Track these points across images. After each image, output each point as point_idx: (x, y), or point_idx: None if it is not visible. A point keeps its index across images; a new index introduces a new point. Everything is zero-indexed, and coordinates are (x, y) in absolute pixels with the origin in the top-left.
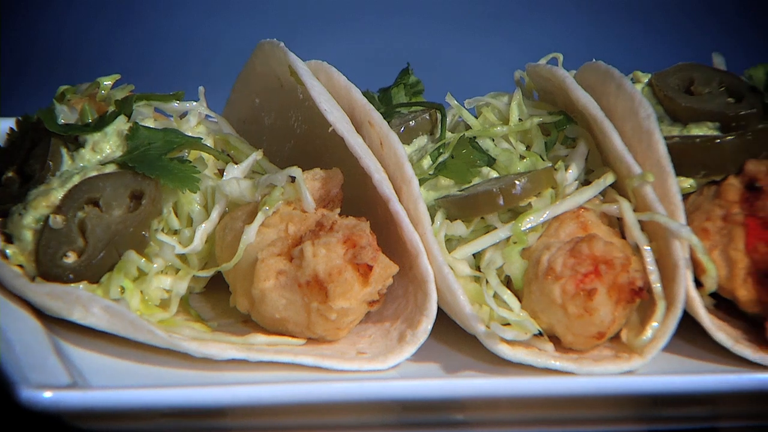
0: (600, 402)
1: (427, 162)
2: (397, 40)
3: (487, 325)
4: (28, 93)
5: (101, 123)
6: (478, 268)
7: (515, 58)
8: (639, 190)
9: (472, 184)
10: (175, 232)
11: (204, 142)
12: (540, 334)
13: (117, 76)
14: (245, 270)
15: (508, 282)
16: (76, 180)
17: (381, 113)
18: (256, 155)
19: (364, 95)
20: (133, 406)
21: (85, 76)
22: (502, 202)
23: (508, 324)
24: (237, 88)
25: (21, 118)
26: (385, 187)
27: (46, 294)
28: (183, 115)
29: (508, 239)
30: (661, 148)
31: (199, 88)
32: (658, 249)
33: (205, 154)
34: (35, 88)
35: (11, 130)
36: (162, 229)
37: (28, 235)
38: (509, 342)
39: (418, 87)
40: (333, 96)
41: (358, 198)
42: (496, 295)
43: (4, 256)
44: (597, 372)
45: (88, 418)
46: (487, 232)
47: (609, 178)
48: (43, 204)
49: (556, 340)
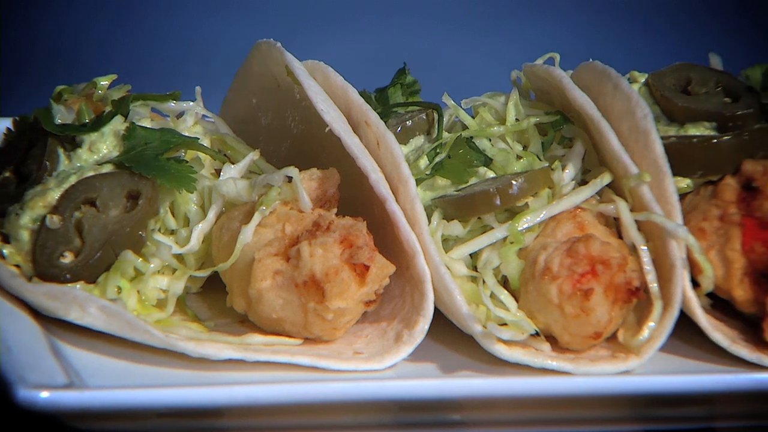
0: (597, 402)
1: (424, 162)
2: (393, 40)
3: (484, 325)
4: (28, 93)
5: (98, 123)
6: (475, 268)
7: (512, 57)
8: (636, 190)
9: (469, 184)
10: (172, 232)
11: (201, 142)
12: (537, 334)
13: (114, 76)
14: (242, 270)
15: (504, 282)
16: (73, 180)
17: (378, 113)
18: (253, 155)
19: (360, 95)
20: (130, 406)
21: (85, 76)
22: (499, 202)
23: (505, 324)
24: (234, 88)
25: (18, 118)
26: (382, 187)
27: (43, 294)
28: (180, 115)
29: (505, 239)
30: (658, 148)
31: (196, 88)
32: (655, 249)
33: (201, 154)
34: (35, 88)
35: (8, 130)
36: (159, 229)
37: (25, 235)
38: (506, 342)
39: (414, 87)
40: (330, 96)
41: (354, 198)
42: (492, 295)
43: (1, 256)
44: (594, 372)
45: (85, 418)
46: (484, 232)
47: (606, 178)
48: (40, 204)
49: (553, 340)
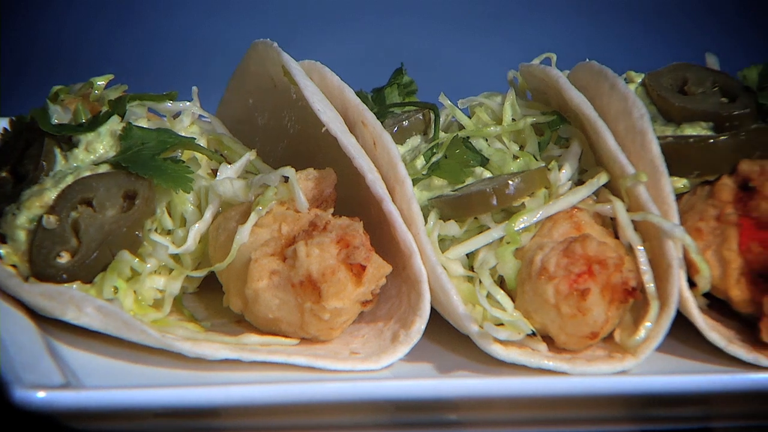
0: (593, 402)
1: (420, 162)
2: (390, 41)
3: (481, 325)
4: (28, 93)
5: (94, 123)
6: (472, 268)
7: (509, 57)
8: (632, 190)
9: (465, 184)
10: (169, 232)
11: (197, 142)
12: (533, 334)
13: (110, 76)
14: (238, 270)
15: (501, 282)
16: (70, 180)
17: (374, 113)
18: (250, 155)
19: (357, 95)
20: (127, 406)
21: (84, 76)
22: (495, 202)
23: (502, 324)
24: (230, 88)
25: (15, 119)
26: (379, 187)
27: (40, 294)
28: (176, 115)
29: (501, 239)
30: (655, 148)
31: (193, 88)
32: (652, 249)
33: (198, 154)
34: (35, 88)
35: (5, 130)
36: (155, 229)
37: (22, 235)
38: (502, 342)
39: (411, 87)
40: (326, 96)
41: (351, 198)
42: (489, 295)
43: None
44: (590, 372)
45: (81, 418)
46: (480, 232)
47: (602, 178)
48: (36, 204)
49: (549, 340)
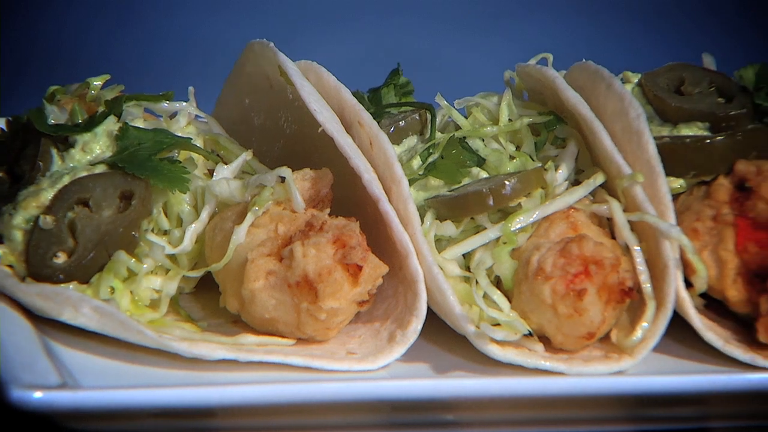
0: (590, 402)
1: (416, 162)
2: (386, 41)
3: (477, 325)
4: (28, 93)
5: (91, 123)
6: (468, 269)
7: (505, 58)
8: (629, 191)
9: (461, 185)
10: (165, 233)
11: (194, 143)
12: (530, 335)
13: (107, 77)
14: (235, 270)
15: (497, 282)
16: (66, 180)
17: (371, 113)
18: (246, 155)
19: (353, 95)
20: (124, 406)
21: (83, 76)
22: (491, 202)
23: (498, 324)
24: (227, 88)
25: (11, 119)
26: (375, 187)
27: (36, 294)
28: (173, 115)
29: (497, 239)
30: (651, 149)
31: (189, 88)
32: (648, 249)
33: (194, 155)
34: (34, 88)
35: (1, 130)
36: (152, 230)
37: (18, 236)
38: (499, 342)
39: (407, 87)
40: (323, 96)
41: (347, 198)
42: (485, 296)
43: None
44: (587, 372)
45: (78, 418)
46: (476, 233)
47: (599, 179)
48: (33, 204)
49: (546, 341)
